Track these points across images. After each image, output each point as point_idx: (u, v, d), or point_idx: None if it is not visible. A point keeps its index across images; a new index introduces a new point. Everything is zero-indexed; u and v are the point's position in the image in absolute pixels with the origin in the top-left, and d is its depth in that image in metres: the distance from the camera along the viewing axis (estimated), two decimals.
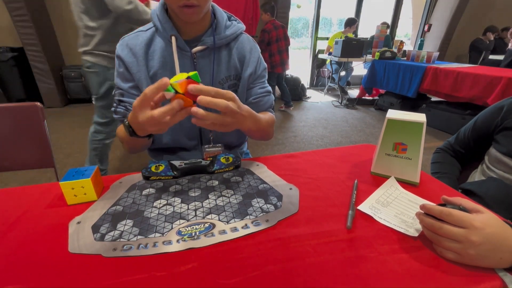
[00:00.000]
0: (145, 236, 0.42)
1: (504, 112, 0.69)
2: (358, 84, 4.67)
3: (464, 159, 0.82)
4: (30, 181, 1.83)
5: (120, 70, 0.67)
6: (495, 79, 2.30)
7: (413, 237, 0.42)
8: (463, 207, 0.39)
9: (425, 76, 2.91)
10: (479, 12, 5.08)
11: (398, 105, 3.40)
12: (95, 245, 0.40)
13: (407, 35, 6.09)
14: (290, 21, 2.67)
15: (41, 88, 3.38)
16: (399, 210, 0.49)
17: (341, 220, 0.46)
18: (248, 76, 0.72)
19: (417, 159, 0.55)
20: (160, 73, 0.66)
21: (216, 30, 0.67)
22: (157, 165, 0.59)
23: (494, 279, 0.35)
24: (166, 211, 0.48)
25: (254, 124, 0.58)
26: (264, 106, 0.77)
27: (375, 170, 0.61)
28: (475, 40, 4.36)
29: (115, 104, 0.68)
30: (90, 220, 0.46)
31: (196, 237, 0.42)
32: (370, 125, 3.11)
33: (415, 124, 0.54)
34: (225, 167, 0.62)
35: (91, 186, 0.50)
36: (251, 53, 0.72)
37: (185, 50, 0.66)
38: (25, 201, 0.51)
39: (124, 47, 0.66)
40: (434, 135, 2.82)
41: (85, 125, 2.87)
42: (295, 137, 2.72)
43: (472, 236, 0.35)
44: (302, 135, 2.76)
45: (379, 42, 3.81)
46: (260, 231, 0.43)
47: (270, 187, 0.56)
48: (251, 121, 0.56)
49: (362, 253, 0.39)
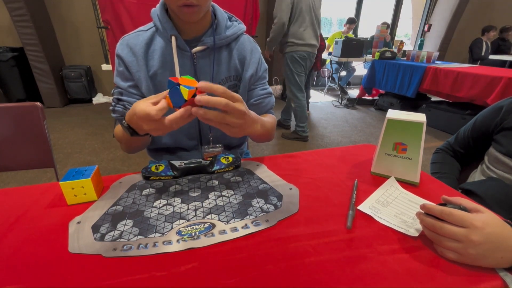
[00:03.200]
0: (145, 236, 0.42)
1: (504, 112, 0.69)
2: (358, 84, 4.68)
3: (463, 159, 0.82)
4: (30, 181, 1.83)
5: (119, 69, 0.67)
6: (495, 79, 2.30)
7: (413, 237, 0.42)
8: (463, 207, 0.39)
9: (425, 76, 2.91)
10: (479, 12, 5.08)
11: (398, 105, 3.40)
12: (95, 245, 0.40)
13: (407, 35, 6.09)
14: None
15: (41, 88, 3.38)
16: (399, 210, 0.49)
17: (341, 220, 0.46)
18: (249, 77, 0.72)
19: (417, 159, 0.55)
20: (160, 73, 0.66)
21: (217, 30, 0.67)
22: (157, 165, 0.59)
23: (494, 279, 0.35)
24: (166, 211, 0.48)
25: (262, 127, 0.57)
26: (265, 107, 0.77)
27: (375, 170, 0.61)
28: (474, 41, 4.36)
29: (114, 103, 0.68)
30: (90, 220, 0.46)
31: (196, 237, 0.42)
32: (370, 125, 3.11)
33: (415, 124, 0.54)
34: (225, 167, 0.62)
35: (91, 186, 0.50)
36: (251, 54, 0.72)
37: (185, 50, 0.66)
38: (25, 201, 0.51)
39: (124, 47, 0.66)
40: (434, 135, 2.82)
41: (85, 125, 2.88)
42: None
43: (472, 236, 0.35)
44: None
45: (379, 42, 3.82)
46: (260, 231, 0.43)
47: (270, 187, 0.56)
48: (260, 125, 0.55)
49: (362, 253, 0.39)
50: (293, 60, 2.37)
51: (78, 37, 3.59)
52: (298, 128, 2.59)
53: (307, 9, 2.25)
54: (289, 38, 2.30)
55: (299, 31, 2.27)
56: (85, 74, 3.56)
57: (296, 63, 2.38)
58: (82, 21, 3.50)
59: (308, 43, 2.33)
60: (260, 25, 3.47)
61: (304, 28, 2.28)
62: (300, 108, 2.52)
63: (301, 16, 2.24)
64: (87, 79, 3.61)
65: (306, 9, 2.24)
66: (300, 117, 2.55)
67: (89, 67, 3.72)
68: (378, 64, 3.53)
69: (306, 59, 2.39)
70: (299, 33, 2.28)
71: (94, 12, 2.89)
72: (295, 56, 2.35)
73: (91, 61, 3.72)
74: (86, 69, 3.62)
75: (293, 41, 2.30)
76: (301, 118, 2.55)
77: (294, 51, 2.33)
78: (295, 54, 2.34)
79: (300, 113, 2.53)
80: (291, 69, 2.40)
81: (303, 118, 2.55)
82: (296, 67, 2.39)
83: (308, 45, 2.34)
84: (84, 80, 3.57)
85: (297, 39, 2.29)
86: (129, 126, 0.51)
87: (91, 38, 3.53)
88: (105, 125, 2.88)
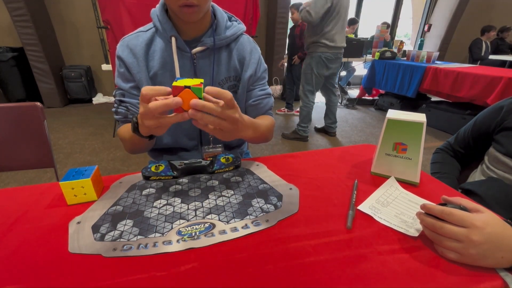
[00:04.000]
0: (145, 236, 0.42)
1: (504, 112, 0.69)
2: (358, 84, 4.68)
3: (464, 159, 0.82)
4: (30, 181, 1.83)
5: (120, 71, 0.67)
6: (495, 79, 2.30)
7: (413, 237, 0.42)
8: (463, 207, 0.39)
9: (425, 76, 2.91)
10: (479, 12, 5.08)
11: (398, 105, 3.40)
12: (95, 245, 0.40)
13: (407, 35, 6.09)
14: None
15: (41, 88, 3.38)
16: (399, 210, 0.49)
17: (341, 220, 0.46)
18: (248, 77, 0.72)
19: (417, 159, 0.55)
20: (160, 74, 0.66)
21: (216, 30, 0.67)
22: (157, 165, 0.59)
23: (495, 279, 0.35)
24: (166, 211, 0.48)
25: (254, 132, 0.58)
26: (264, 108, 0.77)
27: (375, 170, 0.61)
28: (474, 41, 4.36)
29: (116, 105, 0.68)
30: (90, 220, 0.46)
31: (196, 237, 0.42)
32: (370, 125, 3.11)
33: (415, 124, 0.54)
34: (225, 167, 0.62)
35: (91, 186, 0.50)
36: (251, 55, 0.72)
37: (185, 51, 0.66)
38: (25, 201, 0.51)
39: (125, 48, 0.66)
40: (434, 135, 2.82)
41: (85, 125, 2.88)
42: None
43: (473, 236, 0.35)
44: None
45: (379, 42, 3.82)
46: (260, 231, 0.43)
47: (270, 187, 0.56)
48: (252, 130, 0.56)
49: (362, 253, 0.39)
50: (319, 62, 2.31)
51: (78, 37, 3.60)
52: (300, 128, 2.59)
53: (344, 11, 2.19)
54: (321, 39, 2.22)
55: (332, 33, 2.20)
56: (85, 74, 3.57)
57: (320, 65, 2.33)
58: (82, 21, 3.51)
59: (339, 45, 2.28)
60: (260, 25, 3.47)
61: (337, 31, 2.21)
62: (307, 109, 2.52)
63: (337, 17, 2.17)
64: (87, 79, 3.62)
65: (343, 11, 2.18)
66: (304, 118, 2.55)
67: (89, 67, 3.72)
68: (378, 64, 3.53)
69: (334, 61, 2.34)
70: (331, 35, 2.21)
71: (94, 12, 2.89)
72: (322, 57, 2.29)
73: (91, 61, 3.72)
74: (86, 69, 3.62)
75: (325, 43, 2.23)
76: (305, 118, 2.55)
77: (323, 52, 2.27)
78: (323, 56, 2.28)
79: (306, 114, 2.54)
80: (313, 69, 2.34)
81: (306, 119, 2.55)
82: (319, 68, 2.34)
83: (338, 47, 2.29)
84: (84, 80, 3.57)
85: (329, 41, 2.22)
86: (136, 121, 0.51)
87: (91, 38, 3.54)
88: (105, 125, 2.88)
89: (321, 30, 2.20)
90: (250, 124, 0.54)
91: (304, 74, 2.44)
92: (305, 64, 2.42)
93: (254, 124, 0.57)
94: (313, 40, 2.27)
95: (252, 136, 0.59)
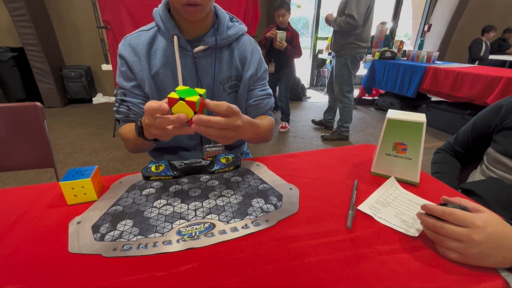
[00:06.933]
0: (145, 236, 0.42)
1: (503, 112, 0.69)
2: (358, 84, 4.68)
3: (464, 159, 0.82)
4: (30, 181, 1.83)
5: (122, 69, 0.67)
6: (495, 79, 2.30)
7: (414, 237, 0.42)
8: (464, 207, 0.39)
9: (425, 76, 2.91)
10: (479, 12, 5.08)
11: (398, 105, 3.40)
12: (95, 245, 0.40)
13: (407, 35, 6.08)
14: (290, 21, 2.66)
15: (41, 88, 3.38)
16: (399, 210, 0.49)
17: (341, 220, 0.46)
18: (249, 77, 0.72)
19: (417, 159, 0.55)
20: (162, 72, 0.66)
21: (218, 30, 0.67)
22: (157, 165, 0.59)
23: (495, 279, 0.35)
24: (166, 211, 0.48)
25: (253, 133, 0.58)
26: (264, 108, 0.77)
27: (375, 170, 0.61)
28: (473, 41, 4.36)
29: (117, 104, 0.68)
30: (90, 220, 0.46)
31: (196, 237, 0.42)
32: (370, 125, 3.11)
33: (415, 124, 0.54)
34: (225, 167, 0.62)
35: (91, 186, 0.50)
36: (252, 55, 0.72)
37: (187, 50, 0.66)
38: (25, 201, 0.51)
39: (127, 46, 0.66)
40: (434, 135, 2.82)
41: (85, 125, 2.88)
42: (295, 137, 2.72)
43: (474, 235, 0.35)
44: (302, 135, 2.76)
45: (379, 42, 3.81)
46: (260, 231, 0.43)
47: (270, 187, 0.56)
48: (251, 131, 0.56)
49: (362, 253, 0.39)
50: (353, 61, 2.36)
51: (78, 37, 3.59)
52: (343, 128, 2.61)
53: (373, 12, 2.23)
54: (355, 40, 2.26)
55: (365, 34, 2.25)
56: (85, 74, 3.56)
57: (354, 64, 2.38)
58: (82, 21, 3.50)
59: (368, 45, 2.34)
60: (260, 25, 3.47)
61: (369, 30, 2.27)
62: (348, 108, 2.53)
63: (370, 16, 2.22)
64: (87, 79, 3.61)
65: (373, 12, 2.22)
66: (347, 118, 2.56)
67: (89, 67, 3.72)
68: (378, 64, 3.52)
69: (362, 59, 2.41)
70: (364, 36, 2.26)
71: (94, 12, 2.89)
72: (357, 57, 2.34)
73: (91, 61, 3.72)
74: (86, 69, 3.62)
75: (359, 44, 2.27)
76: (347, 118, 2.57)
77: (357, 53, 2.31)
78: (357, 55, 2.33)
79: (348, 113, 2.55)
80: (350, 69, 2.39)
81: (349, 119, 2.57)
82: (354, 68, 2.40)
83: (368, 47, 2.35)
84: (84, 80, 3.57)
85: (362, 42, 2.27)
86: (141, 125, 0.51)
87: (91, 38, 3.53)
88: (105, 125, 2.88)
89: (357, 31, 2.22)
90: (249, 126, 0.54)
91: (341, 76, 2.45)
92: (340, 66, 2.43)
93: (254, 124, 0.57)
94: (347, 41, 2.29)
95: (251, 137, 0.59)
